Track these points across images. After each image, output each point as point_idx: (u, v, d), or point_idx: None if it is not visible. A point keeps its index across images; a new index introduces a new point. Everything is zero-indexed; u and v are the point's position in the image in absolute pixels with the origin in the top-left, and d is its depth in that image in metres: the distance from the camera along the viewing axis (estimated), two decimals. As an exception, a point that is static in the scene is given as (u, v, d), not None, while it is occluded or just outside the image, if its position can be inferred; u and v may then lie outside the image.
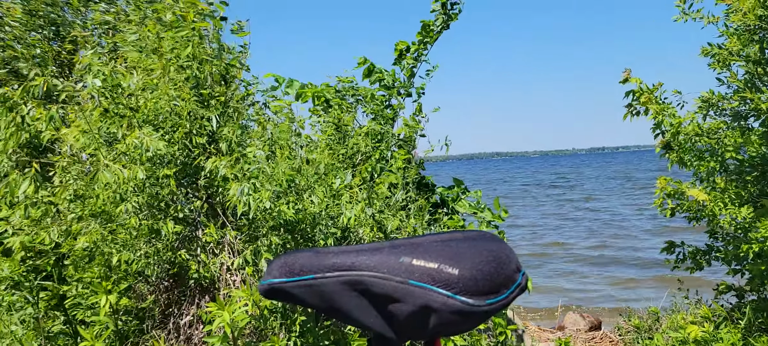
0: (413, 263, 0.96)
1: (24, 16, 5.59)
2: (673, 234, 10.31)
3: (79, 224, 4.18)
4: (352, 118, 6.24)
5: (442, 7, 6.86)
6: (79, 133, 4.08)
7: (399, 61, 6.99)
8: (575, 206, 31.02)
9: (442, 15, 6.87)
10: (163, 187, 4.34)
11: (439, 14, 6.89)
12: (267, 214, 4.21)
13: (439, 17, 6.88)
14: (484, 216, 6.59)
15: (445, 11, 6.87)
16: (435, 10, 6.91)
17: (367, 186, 5.52)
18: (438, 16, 6.89)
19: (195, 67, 4.43)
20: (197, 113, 4.45)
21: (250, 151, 4.26)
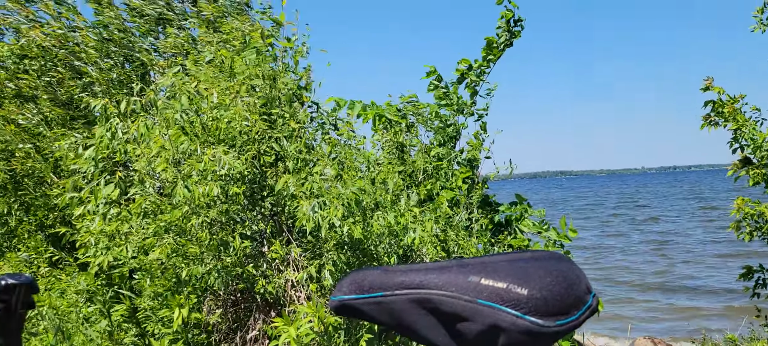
0: (482, 282, 0.95)
1: (98, 43, 5.92)
2: (748, 259, 9.85)
3: (153, 238, 4.35)
4: (413, 136, 6.25)
5: (507, 24, 6.80)
6: (159, 149, 4.25)
7: (461, 80, 6.96)
8: (641, 228, 29.96)
9: (506, 32, 6.81)
10: (233, 203, 4.47)
11: (502, 31, 6.83)
12: (333, 232, 4.27)
13: (502, 35, 6.82)
14: (550, 235, 6.45)
15: (508, 28, 6.81)
16: (500, 27, 6.85)
17: (429, 205, 5.51)
18: (501, 33, 6.83)
19: (265, 88, 4.56)
20: (266, 133, 4.58)
21: (318, 170, 4.33)
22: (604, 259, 20.20)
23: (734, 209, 6.05)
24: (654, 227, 30.19)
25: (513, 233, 6.45)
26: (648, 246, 23.34)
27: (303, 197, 4.18)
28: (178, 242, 4.30)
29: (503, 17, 6.76)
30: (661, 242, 24.16)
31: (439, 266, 0.98)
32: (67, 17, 6.12)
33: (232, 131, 4.39)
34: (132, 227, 4.45)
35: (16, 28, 6.04)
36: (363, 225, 4.35)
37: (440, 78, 6.84)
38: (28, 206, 5.80)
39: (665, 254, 20.92)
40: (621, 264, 19.22)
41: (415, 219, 4.84)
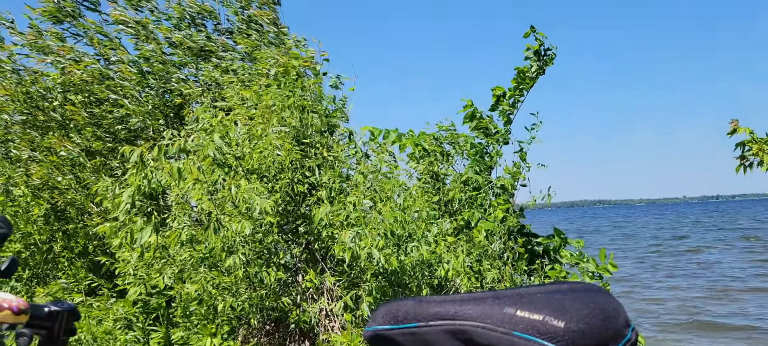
0: (517, 314, 0.94)
1: (137, 76, 6.08)
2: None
3: (189, 270, 4.40)
4: (449, 165, 6.22)
5: (536, 54, 6.76)
6: (193, 181, 4.33)
7: (496, 106, 6.92)
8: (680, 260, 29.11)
9: (537, 61, 6.77)
10: (267, 235, 4.50)
11: (533, 61, 6.79)
12: (369, 261, 4.26)
13: (533, 63, 6.79)
14: (588, 267, 6.31)
15: (538, 58, 6.77)
16: (528, 57, 6.82)
17: (464, 235, 5.46)
18: (532, 62, 6.79)
19: (298, 118, 4.62)
20: (299, 163, 4.62)
21: (351, 200, 4.34)
22: (640, 293, 19.68)
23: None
24: (695, 258, 29.32)
25: (550, 263, 6.34)
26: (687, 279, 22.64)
27: (340, 227, 4.19)
28: (213, 274, 4.35)
29: (529, 49, 6.75)
30: (700, 276, 23.43)
31: (474, 297, 0.97)
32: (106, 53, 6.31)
33: (264, 162, 4.44)
34: (169, 256, 4.52)
35: (58, 64, 6.26)
36: (398, 255, 4.34)
37: (477, 111, 6.83)
38: (70, 235, 5.94)
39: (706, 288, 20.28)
40: (659, 297, 18.69)
41: (450, 250, 4.80)
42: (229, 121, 4.60)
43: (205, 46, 6.50)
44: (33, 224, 5.75)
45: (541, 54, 6.80)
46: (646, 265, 27.59)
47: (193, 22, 6.73)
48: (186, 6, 6.66)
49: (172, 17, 6.63)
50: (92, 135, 5.97)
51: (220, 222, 4.03)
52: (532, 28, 6.73)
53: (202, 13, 6.81)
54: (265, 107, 4.59)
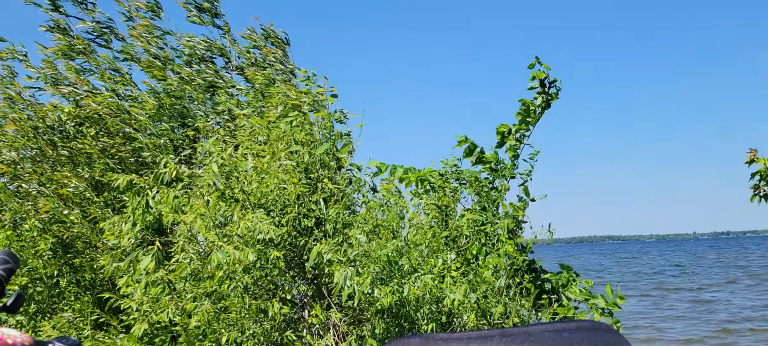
0: (525, 353, 0.91)
1: (152, 110, 6.16)
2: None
3: (193, 303, 4.38)
4: (454, 200, 6.21)
5: (541, 84, 6.78)
6: (197, 215, 4.33)
7: (501, 143, 6.93)
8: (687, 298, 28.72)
9: (542, 94, 6.78)
10: (272, 268, 4.48)
11: (537, 93, 6.80)
12: (370, 298, 4.22)
13: (538, 96, 6.80)
14: (597, 303, 6.23)
15: (543, 90, 6.78)
16: (533, 88, 6.84)
17: (471, 269, 5.42)
18: (537, 95, 6.80)
19: (304, 153, 4.63)
20: (306, 197, 4.61)
21: (352, 234, 4.33)
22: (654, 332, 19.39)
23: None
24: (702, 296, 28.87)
25: (559, 300, 6.26)
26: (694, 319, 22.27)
27: (338, 263, 4.17)
28: (217, 307, 4.32)
29: (535, 78, 6.76)
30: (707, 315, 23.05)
31: (481, 336, 0.95)
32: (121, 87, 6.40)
33: (270, 195, 4.44)
34: (174, 290, 4.50)
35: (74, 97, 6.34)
36: (399, 290, 4.30)
37: (474, 145, 6.84)
38: (77, 269, 5.94)
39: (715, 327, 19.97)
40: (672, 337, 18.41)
41: (455, 282, 4.76)
42: (239, 156, 4.62)
43: (214, 83, 6.60)
44: (39, 258, 5.75)
45: (546, 86, 6.81)
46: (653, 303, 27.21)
47: (203, 59, 6.83)
48: (196, 43, 6.78)
49: (183, 54, 6.75)
50: (104, 167, 6.01)
51: (223, 249, 4.02)
52: (536, 59, 6.76)
53: (211, 50, 6.92)
54: (274, 141, 4.61)
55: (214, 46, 6.92)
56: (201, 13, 6.99)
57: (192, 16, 6.95)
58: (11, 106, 6.33)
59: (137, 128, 6.03)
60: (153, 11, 6.73)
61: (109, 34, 6.70)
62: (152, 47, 6.56)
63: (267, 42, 7.01)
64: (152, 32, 6.66)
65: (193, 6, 6.97)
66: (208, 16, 7.02)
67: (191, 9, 6.94)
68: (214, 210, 4.30)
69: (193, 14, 6.95)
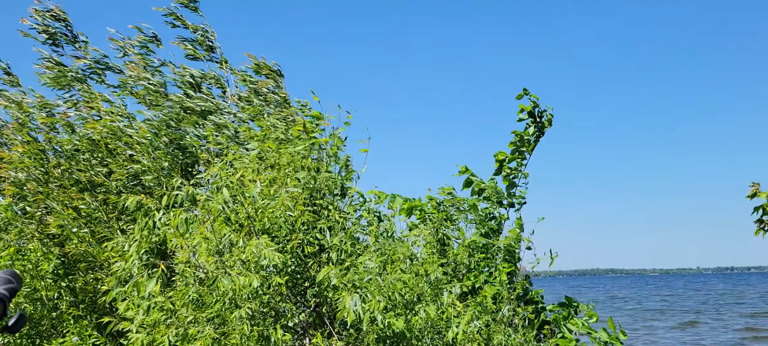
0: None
1: (151, 135, 6.22)
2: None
3: (195, 328, 4.37)
4: (454, 229, 6.22)
5: (530, 116, 6.83)
6: (202, 239, 4.34)
7: (499, 171, 6.97)
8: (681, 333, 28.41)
9: (533, 124, 6.83)
10: (275, 295, 4.48)
11: (528, 123, 6.86)
12: (375, 325, 4.21)
13: (529, 126, 6.85)
14: (600, 336, 6.20)
15: (534, 121, 6.83)
16: (523, 120, 6.89)
17: (471, 299, 5.40)
18: (528, 125, 6.86)
19: (309, 180, 4.66)
20: (311, 224, 4.63)
21: (361, 262, 4.33)
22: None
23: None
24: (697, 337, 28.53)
25: (560, 332, 6.24)
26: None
27: (345, 289, 4.17)
28: (219, 332, 4.31)
29: (523, 110, 6.82)
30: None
31: None
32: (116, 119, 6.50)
33: (276, 222, 4.46)
34: (175, 315, 4.49)
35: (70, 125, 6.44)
36: (405, 318, 4.29)
37: (473, 176, 6.87)
38: (77, 292, 5.94)
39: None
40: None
41: (459, 315, 4.74)
42: (246, 181, 4.65)
43: (208, 109, 6.69)
44: (41, 279, 5.76)
45: (536, 116, 6.85)
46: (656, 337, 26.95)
47: (199, 89, 6.96)
48: (191, 73, 6.91)
49: (180, 84, 6.88)
50: (105, 191, 6.06)
51: (229, 274, 4.02)
52: (524, 90, 6.83)
53: (207, 80, 7.06)
54: (281, 167, 4.64)
55: (208, 77, 7.07)
56: (196, 46, 7.15)
57: (189, 51, 7.13)
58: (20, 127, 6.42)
59: (140, 151, 6.10)
60: (146, 48, 6.90)
61: (103, 70, 6.87)
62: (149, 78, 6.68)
63: (261, 75, 7.16)
64: (149, 65, 6.81)
65: (188, 42, 7.15)
66: (203, 50, 7.18)
67: (188, 45, 7.11)
68: (219, 235, 4.31)
69: (189, 49, 7.12)
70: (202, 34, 7.23)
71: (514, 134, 6.93)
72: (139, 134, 6.18)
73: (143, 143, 6.09)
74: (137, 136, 6.16)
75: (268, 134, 5.24)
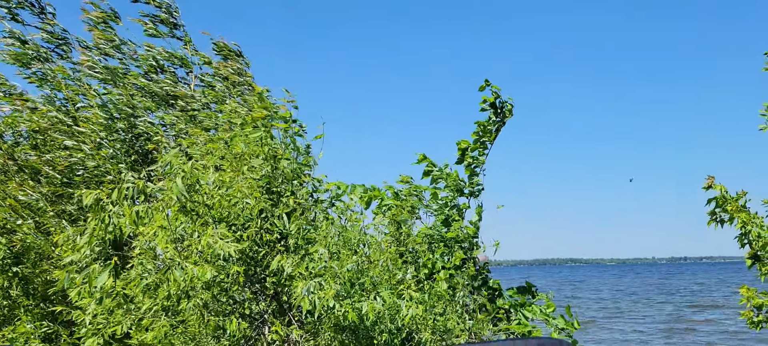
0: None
1: (105, 121, 6.04)
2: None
3: (149, 318, 4.28)
4: (413, 218, 6.24)
5: (492, 106, 6.89)
6: (158, 228, 4.25)
7: (461, 160, 7.01)
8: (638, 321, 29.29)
9: (495, 114, 6.90)
10: (232, 284, 4.42)
11: (490, 114, 6.92)
12: (331, 313, 4.20)
13: (491, 117, 6.91)
14: (557, 323, 6.32)
15: (495, 112, 6.89)
16: (485, 110, 6.95)
17: (427, 284, 5.44)
18: (490, 115, 6.92)
19: (266, 167, 4.59)
20: (268, 212, 4.57)
21: (315, 249, 4.30)
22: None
23: (743, 299, 5.99)
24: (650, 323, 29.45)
25: (517, 318, 6.33)
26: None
27: (300, 277, 4.14)
28: (175, 321, 4.24)
29: (485, 101, 6.89)
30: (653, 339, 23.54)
31: None
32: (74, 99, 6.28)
33: (233, 210, 4.39)
34: (131, 302, 4.39)
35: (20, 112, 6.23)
36: (358, 307, 4.29)
37: (432, 166, 6.91)
38: (28, 281, 5.77)
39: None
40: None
41: (413, 298, 4.77)
42: (200, 167, 4.56)
43: (172, 92, 6.53)
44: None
45: (498, 107, 6.92)
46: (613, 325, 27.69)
47: (162, 69, 6.77)
48: (155, 53, 6.72)
49: (141, 64, 6.68)
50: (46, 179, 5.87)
51: (182, 266, 3.94)
52: (486, 81, 6.89)
53: (172, 60, 6.86)
54: (235, 155, 4.57)
55: (174, 57, 6.86)
56: (158, 25, 6.93)
57: (149, 28, 6.89)
58: None
59: (84, 141, 5.90)
60: (105, 23, 6.65)
61: (66, 44, 6.60)
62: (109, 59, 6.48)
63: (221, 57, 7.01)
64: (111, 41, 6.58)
65: (150, 19, 6.91)
66: (167, 28, 6.96)
67: (148, 22, 6.88)
68: (174, 224, 4.22)
69: (150, 27, 6.88)
70: (165, 9, 6.99)
71: (476, 125, 6.97)
72: (93, 119, 5.99)
73: (93, 130, 5.91)
74: (88, 125, 5.97)
75: (230, 119, 5.15)
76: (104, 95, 6.33)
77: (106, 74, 6.37)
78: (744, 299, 5.97)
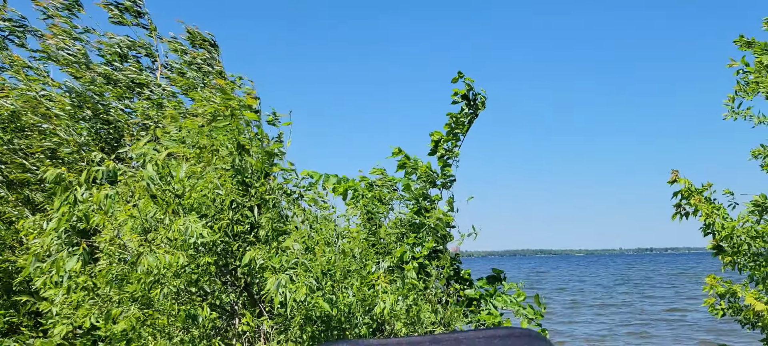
0: (454, 359, 0.91)
1: (73, 108, 5.89)
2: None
3: (118, 308, 4.21)
4: (385, 209, 6.24)
5: (464, 98, 6.91)
6: (127, 216, 4.16)
7: (434, 151, 7.02)
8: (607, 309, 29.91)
9: (467, 106, 6.91)
10: (203, 274, 4.36)
11: (463, 106, 6.93)
12: (302, 306, 4.17)
13: (463, 109, 6.93)
14: (525, 313, 6.39)
15: (468, 104, 6.91)
16: (457, 102, 6.96)
17: (399, 275, 5.44)
18: (463, 107, 6.93)
19: (235, 157, 4.54)
20: (239, 202, 4.52)
21: (288, 243, 4.27)
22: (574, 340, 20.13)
23: (707, 286, 6.11)
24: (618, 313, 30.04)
25: (487, 308, 6.38)
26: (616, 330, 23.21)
27: (271, 271, 4.10)
28: (145, 312, 4.17)
29: (457, 93, 6.90)
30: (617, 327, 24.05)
31: (411, 342, 0.94)
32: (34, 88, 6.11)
33: (204, 200, 4.33)
34: (98, 295, 4.31)
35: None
36: (332, 297, 4.27)
37: (407, 158, 6.90)
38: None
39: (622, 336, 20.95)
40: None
41: (386, 290, 4.77)
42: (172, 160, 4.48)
43: (137, 79, 6.40)
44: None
45: (471, 99, 6.93)
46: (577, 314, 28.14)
47: (126, 58, 6.63)
48: (119, 41, 6.58)
49: (106, 53, 6.53)
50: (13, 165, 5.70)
51: (154, 253, 3.87)
52: (459, 73, 6.89)
53: (135, 48, 6.73)
54: (203, 146, 4.50)
55: (138, 45, 6.73)
56: (123, 12, 6.78)
57: (114, 16, 6.74)
58: None
59: (57, 124, 5.76)
60: (70, 10, 6.47)
61: (23, 31, 6.42)
62: (71, 48, 6.30)
63: (194, 46, 6.88)
64: (71, 31, 6.41)
65: (115, 6, 6.76)
66: (131, 16, 6.82)
67: (113, 9, 6.73)
68: (144, 212, 4.15)
69: (115, 14, 6.74)
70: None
71: (448, 116, 6.98)
72: (59, 106, 5.83)
73: (62, 116, 5.76)
74: (57, 109, 5.82)
75: (200, 108, 5.07)
76: (67, 83, 6.18)
77: (70, 61, 6.21)
78: (707, 288, 6.11)
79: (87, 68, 6.28)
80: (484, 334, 0.97)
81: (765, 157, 5.91)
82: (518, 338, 0.96)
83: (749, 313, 5.77)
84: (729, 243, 5.96)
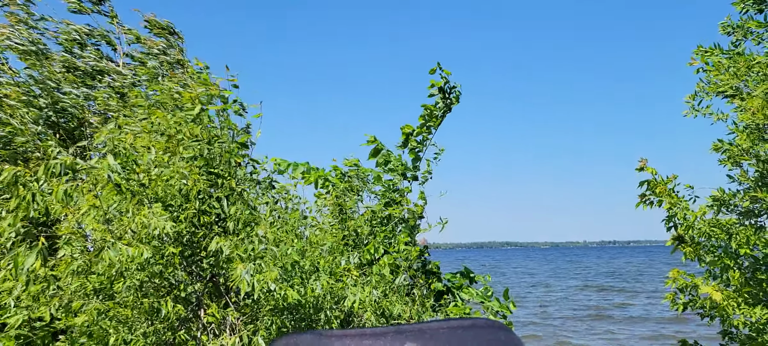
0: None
1: (28, 97, 5.72)
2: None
3: (79, 301, 4.12)
4: (354, 201, 6.22)
5: (440, 91, 6.94)
6: (89, 207, 4.07)
7: (405, 144, 7.03)
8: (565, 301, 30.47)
9: (442, 99, 6.95)
10: (168, 265, 4.29)
11: (438, 99, 6.96)
12: (270, 296, 4.14)
13: (438, 102, 6.95)
14: (492, 306, 6.45)
15: (443, 97, 6.94)
16: (433, 95, 6.99)
17: (369, 269, 5.44)
18: (437, 100, 6.96)
19: (204, 147, 4.47)
20: (206, 193, 4.46)
21: (255, 232, 4.23)
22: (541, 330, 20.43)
23: (669, 280, 6.21)
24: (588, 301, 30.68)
25: (454, 300, 6.43)
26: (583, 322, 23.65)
27: (239, 260, 4.06)
28: (106, 305, 4.09)
29: (433, 86, 6.93)
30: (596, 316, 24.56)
31: (376, 332, 0.94)
32: None
33: (170, 190, 4.25)
34: (59, 287, 4.21)
35: None
36: (301, 289, 4.25)
37: (381, 146, 6.90)
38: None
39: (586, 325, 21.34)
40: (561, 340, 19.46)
41: (356, 283, 4.76)
42: (138, 147, 4.38)
43: (96, 67, 6.25)
44: None
45: (446, 91, 6.97)
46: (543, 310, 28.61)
47: (84, 46, 6.47)
48: (77, 29, 6.41)
49: (63, 41, 6.35)
50: None
51: (116, 246, 3.79)
52: (438, 64, 6.91)
53: (93, 36, 6.57)
54: (169, 136, 4.42)
55: (96, 33, 6.56)
56: (81, 0, 6.61)
57: (73, 4, 6.56)
58: None
59: (11, 115, 5.58)
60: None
61: None
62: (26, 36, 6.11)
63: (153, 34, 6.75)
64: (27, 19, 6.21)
65: None
66: (91, 3, 6.66)
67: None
68: (106, 203, 4.05)
69: (73, 2, 6.56)
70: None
71: (423, 108, 6.99)
72: (13, 95, 5.66)
73: (14, 106, 5.58)
74: (11, 98, 5.64)
75: (163, 99, 4.97)
76: (25, 70, 6.00)
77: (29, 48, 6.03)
78: (670, 281, 6.21)
79: (45, 58, 6.10)
80: (448, 325, 0.97)
81: (722, 152, 6.05)
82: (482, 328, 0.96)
83: (706, 302, 5.90)
84: (689, 235, 6.08)
